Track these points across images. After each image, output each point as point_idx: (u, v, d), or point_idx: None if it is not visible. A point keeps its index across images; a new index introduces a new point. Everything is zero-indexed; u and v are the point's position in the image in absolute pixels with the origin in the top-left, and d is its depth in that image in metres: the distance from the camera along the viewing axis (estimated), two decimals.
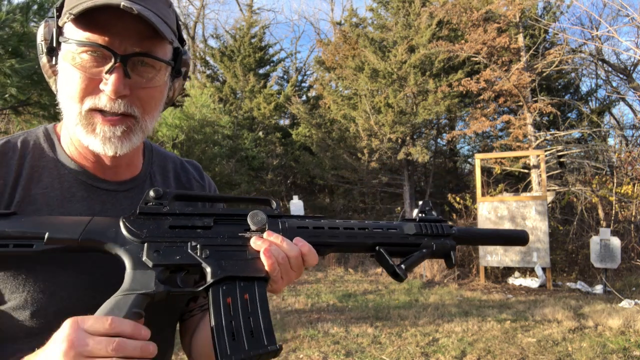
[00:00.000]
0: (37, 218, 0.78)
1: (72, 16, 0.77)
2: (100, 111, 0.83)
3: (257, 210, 0.85)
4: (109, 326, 0.67)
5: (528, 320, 5.83)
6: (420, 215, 0.98)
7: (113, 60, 0.80)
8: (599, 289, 7.68)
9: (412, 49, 11.96)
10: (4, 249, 0.73)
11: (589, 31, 11.58)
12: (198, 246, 0.79)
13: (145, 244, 0.77)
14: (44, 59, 0.88)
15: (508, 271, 8.95)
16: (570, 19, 13.18)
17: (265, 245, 0.82)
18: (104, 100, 0.82)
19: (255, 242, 0.83)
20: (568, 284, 8.28)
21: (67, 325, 0.67)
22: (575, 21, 12.79)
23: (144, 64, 0.84)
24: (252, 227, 0.84)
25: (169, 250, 0.78)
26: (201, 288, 0.78)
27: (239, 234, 0.84)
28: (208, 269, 0.78)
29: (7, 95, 5.18)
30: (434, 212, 0.99)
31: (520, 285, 8.29)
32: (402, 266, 0.90)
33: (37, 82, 5.08)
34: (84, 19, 0.79)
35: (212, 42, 17.02)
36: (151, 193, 0.83)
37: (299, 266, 0.83)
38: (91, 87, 0.82)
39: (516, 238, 1.06)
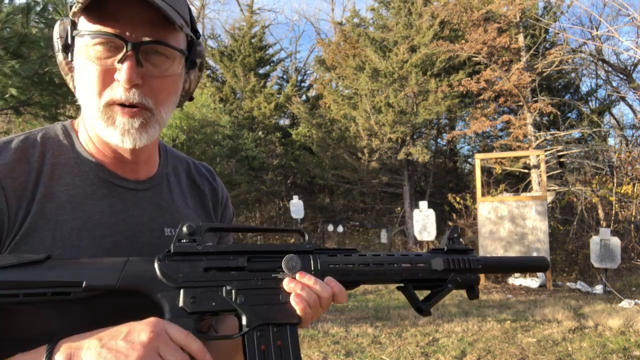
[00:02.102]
0: (72, 263, 0.77)
1: (80, 5, 0.77)
2: (120, 105, 0.83)
3: (292, 255, 0.86)
4: (184, 340, 0.72)
5: (528, 320, 5.83)
6: (449, 241, 1.01)
7: (125, 49, 0.80)
8: (599, 289, 7.69)
9: (413, 49, 11.96)
10: (41, 297, 0.73)
11: (589, 31, 11.59)
12: (233, 291, 0.82)
13: (182, 290, 0.79)
14: (60, 57, 0.88)
15: None
16: (571, 18, 13.22)
17: (298, 288, 0.83)
18: (119, 91, 0.81)
19: (288, 285, 0.84)
20: (568, 284, 8.29)
21: (152, 320, 0.72)
22: (576, 21, 12.82)
23: (157, 53, 0.83)
24: (286, 272, 0.86)
25: (204, 296, 0.80)
26: (237, 335, 0.81)
27: (272, 275, 0.85)
28: (243, 316, 0.81)
29: (7, 96, 5.17)
30: (461, 240, 1.03)
31: (520, 285, 8.30)
32: (427, 303, 0.96)
33: (37, 82, 5.07)
34: (95, 9, 0.79)
35: (211, 42, 16.98)
36: (184, 229, 0.82)
37: (328, 304, 0.86)
38: (107, 79, 0.82)
39: (536, 265, 1.13)
